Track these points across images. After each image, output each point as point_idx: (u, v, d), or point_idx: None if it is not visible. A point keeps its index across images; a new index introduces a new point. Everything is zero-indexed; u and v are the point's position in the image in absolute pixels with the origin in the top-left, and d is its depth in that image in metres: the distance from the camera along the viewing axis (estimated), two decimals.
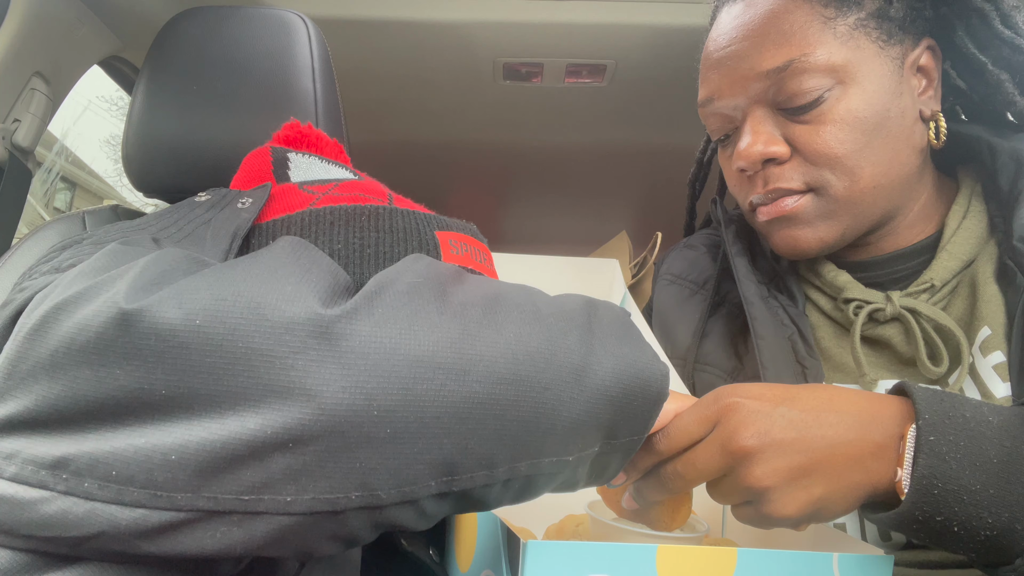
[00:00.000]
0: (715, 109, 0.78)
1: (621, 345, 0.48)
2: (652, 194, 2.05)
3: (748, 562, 0.49)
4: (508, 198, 2.18)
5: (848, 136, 0.71)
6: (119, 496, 0.35)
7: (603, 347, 0.46)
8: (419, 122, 1.67)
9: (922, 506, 0.50)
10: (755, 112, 0.74)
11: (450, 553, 0.65)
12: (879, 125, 0.71)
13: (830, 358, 0.77)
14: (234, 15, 0.92)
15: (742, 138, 0.75)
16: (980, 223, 0.75)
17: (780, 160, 0.74)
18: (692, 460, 0.53)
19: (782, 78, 0.71)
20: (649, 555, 0.47)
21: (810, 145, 0.72)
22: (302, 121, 0.88)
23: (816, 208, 0.74)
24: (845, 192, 0.72)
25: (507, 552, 0.51)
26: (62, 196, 8.01)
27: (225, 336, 0.36)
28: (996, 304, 0.69)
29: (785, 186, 0.73)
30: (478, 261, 0.66)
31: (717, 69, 0.76)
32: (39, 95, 1.02)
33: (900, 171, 0.74)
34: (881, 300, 0.74)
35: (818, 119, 0.71)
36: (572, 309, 0.48)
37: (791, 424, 0.52)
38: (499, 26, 1.30)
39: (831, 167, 0.72)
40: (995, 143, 0.75)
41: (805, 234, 0.75)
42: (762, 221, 0.77)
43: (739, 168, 0.76)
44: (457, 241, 0.65)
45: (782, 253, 0.78)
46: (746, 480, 0.51)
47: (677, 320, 0.90)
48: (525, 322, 0.44)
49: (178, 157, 0.87)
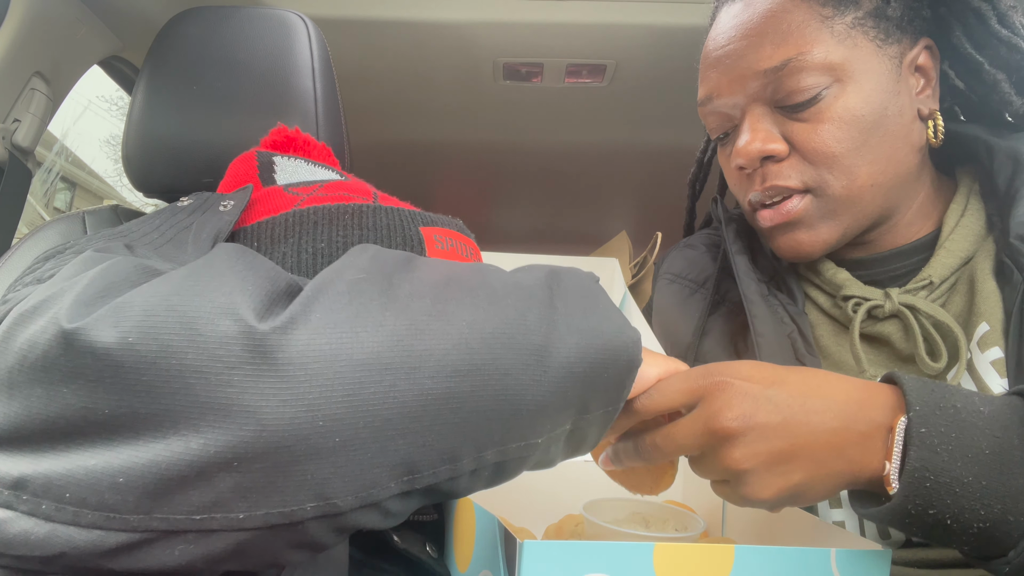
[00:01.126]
0: (714, 108, 0.79)
1: (586, 317, 0.46)
2: (652, 194, 2.05)
3: (745, 558, 0.49)
4: (508, 198, 2.18)
5: (846, 134, 0.71)
6: (76, 518, 0.34)
7: (566, 322, 0.45)
8: (419, 122, 1.67)
9: (914, 499, 0.50)
10: (754, 110, 0.75)
11: (448, 553, 0.65)
12: (877, 123, 0.72)
13: (829, 356, 0.78)
14: (234, 15, 0.92)
15: (740, 136, 0.75)
16: (978, 221, 0.75)
17: (778, 158, 0.74)
18: (672, 434, 0.53)
19: (780, 77, 0.72)
20: (646, 553, 0.47)
21: (808, 143, 0.72)
22: (302, 121, 0.89)
23: (816, 210, 0.74)
24: (843, 191, 0.73)
25: (504, 552, 0.51)
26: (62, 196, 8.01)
27: (158, 354, 0.35)
28: (994, 300, 0.70)
29: (783, 183, 0.74)
30: (464, 255, 0.66)
31: (715, 68, 0.77)
32: (39, 95, 1.02)
33: (898, 169, 0.74)
34: (880, 297, 0.75)
35: (816, 117, 0.72)
36: (532, 285, 0.46)
37: (776, 408, 0.51)
38: (499, 26, 1.30)
39: (828, 166, 0.72)
40: (992, 143, 0.76)
41: (808, 237, 0.75)
42: (764, 226, 0.78)
43: (738, 166, 0.76)
44: (442, 236, 0.65)
45: (785, 257, 0.79)
46: (724, 461, 0.51)
47: (677, 319, 0.91)
48: (479, 307, 0.42)
49: (178, 157, 0.87)
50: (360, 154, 1.24)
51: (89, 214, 0.92)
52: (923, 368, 0.71)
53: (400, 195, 0.71)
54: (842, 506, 0.73)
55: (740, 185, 0.80)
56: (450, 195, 2.16)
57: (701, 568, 0.48)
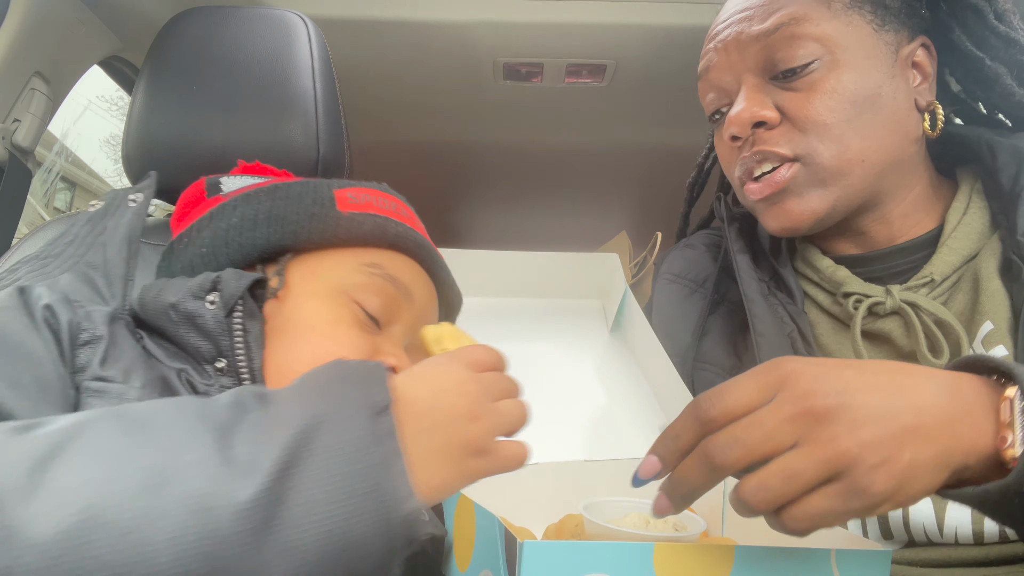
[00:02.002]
0: (711, 80, 0.81)
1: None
2: (652, 194, 2.05)
3: (746, 558, 0.49)
4: (508, 198, 2.18)
5: (837, 106, 0.72)
6: None
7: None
8: (419, 122, 1.67)
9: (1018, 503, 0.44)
10: (748, 81, 0.77)
11: (448, 553, 0.65)
12: (870, 101, 0.73)
13: (830, 354, 0.78)
14: (234, 15, 0.92)
15: (735, 106, 0.77)
16: (981, 219, 0.76)
17: (769, 125, 0.75)
18: (758, 421, 0.44)
19: (773, 42, 0.74)
20: (646, 553, 0.47)
21: (799, 111, 0.73)
22: (302, 121, 0.89)
23: (805, 178, 0.75)
24: (832, 161, 0.73)
25: (505, 552, 0.51)
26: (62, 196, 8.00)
27: None
28: (1000, 299, 0.70)
29: (771, 149, 0.75)
30: (387, 208, 0.68)
31: (714, 40, 0.80)
32: (39, 95, 1.02)
33: (891, 153, 0.75)
34: (881, 294, 0.75)
35: (808, 87, 0.73)
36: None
37: (867, 385, 0.45)
38: (499, 26, 1.30)
39: (819, 135, 0.73)
40: (995, 142, 0.76)
41: (797, 206, 0.76)
42: (753, 200, 0.78)
43: (731, 135, 0.77)
44: (358, 194, 0.67)
45: (774, 230, 0.79)
46: (827, 448, 0.42)
47: (677, 319, 0.91)
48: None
49: (178, 157, 0.87)
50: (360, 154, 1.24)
51: None
52: (924, 365, 0.70)
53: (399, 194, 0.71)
54: None
55: (731, 159, 0.81)
56: (450, 195, 2.15)
57: (701, 568, 0.48)
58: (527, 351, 0.89)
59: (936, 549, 0.67)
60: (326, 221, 0.65)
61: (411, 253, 0.69)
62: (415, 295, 0.67)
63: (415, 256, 0.69)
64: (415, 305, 0.67)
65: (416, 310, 0.67)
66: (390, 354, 0.62)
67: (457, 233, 2.39)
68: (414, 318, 0.66)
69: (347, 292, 0.63)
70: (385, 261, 0.66)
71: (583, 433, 0.82)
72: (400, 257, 0.68)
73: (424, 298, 0.69)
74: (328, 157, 0.90)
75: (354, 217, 0.66)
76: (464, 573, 0.60)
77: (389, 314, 0.64)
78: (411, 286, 0.67)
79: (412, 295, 0.67)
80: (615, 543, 0.48)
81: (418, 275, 0.69)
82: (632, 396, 0.87)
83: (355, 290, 0.63)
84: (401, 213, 0.70)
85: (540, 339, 0.91)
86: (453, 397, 0.47)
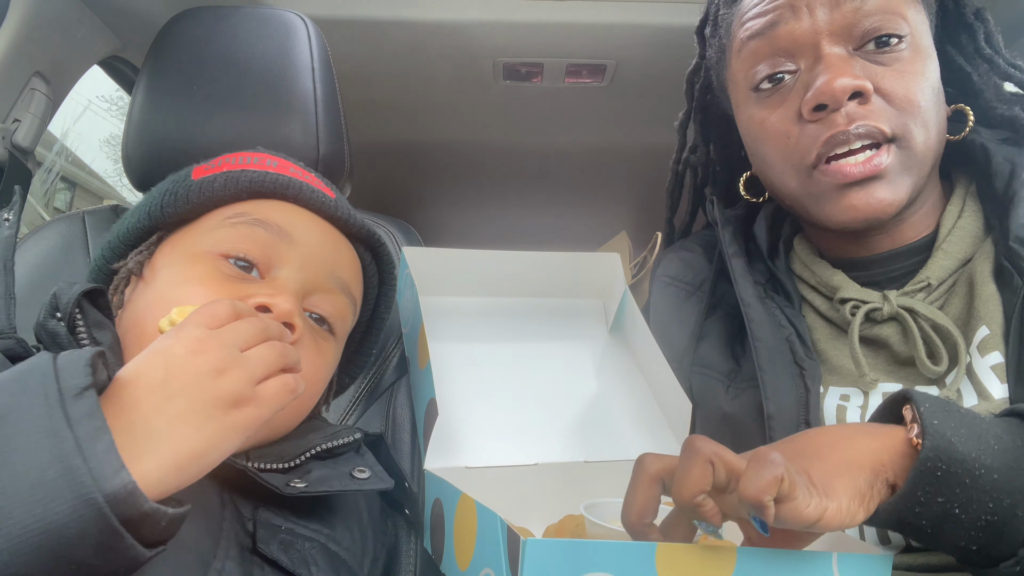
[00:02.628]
0: (775, 40, 0.72)
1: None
2: (652, 194, 2.04)
3: (748, 561, 0.49)
4: (508, 198, 2.18)
5: (926, 89, 0.71)
6: None
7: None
8: (419, 122, 1.67)
9: (924, 486, 0.50)
10: (832, 47, 0.70)
11: (449, 552, 0.65)
12: (937, 93, 0.73)
13: (826, 360, 0.77)
14: (234, 15, 0.92)
15: (820, 75, 0.70)
16: (975, 222, 0.75)
17: (865, 98, 0.69)
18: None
19: (870, 10, 0.69)
20: (648, 554, 0.47)
21: (896, 87, 0.69)
22: (302, 121, 0.89)
23: (899, 163, 0.70)
24: (922, 146, 0.71)
25: (507, 550, 0.51)
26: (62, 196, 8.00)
27: None
28: (994, 304, 0.69)
29: (875, 124, 0.68)
30: (246, 163, 0.68)
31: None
32: (39, 95, 1.02)
33: (940, 149, 0.75)
34: (878, 299, 0.74)
35: (897, 64, 0.70)
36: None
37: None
38: (499, 26, 1.30)
39: (913, 115, 0.70)
40: (989, 146, 0.77)
41: (887, 194, 0.70)
42: (838, 184, 0.70)
43: (818, 104, 0.70)
44: (216, 160, 0.69)
45: (847, 220, 0.72)
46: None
47: (674, 322, 0.90)
48: None
49: (178, 157, 0.87)
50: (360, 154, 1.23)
51: (89, 214, 0.93)
52: (923, 371, 0.70)
53: (399, 195, 0.72)
54: None
55: (801, 138, 0.72)
56: (450, 195, 2.15)
57: (703, 569, 0.48)
58: (527, 351, 0.89)
59: (934, 555, 0.67)
60: (176, 192, 0.66)
61: (281, 195, 0.67)
62: (296, 235, 0.65)
63: (288, 198, 0.67)
64: (300, 245, 0.65)
65: (304, 249, 0.65)
66: (265, 296, 0.60)
67: (457, 233, 2.39)
68: (304, 258, 0.65)
69: (209, 250, 0.62)
70: (251, 209, 0.65)
71: (583, 433, 0.82)
72: (271, 202, 0.67)
73: (314, 237, 0.67)
74: (328, 157, 0.90)
75: (204, 179, 0.66)
76: (464, 572, 0.60)
77: (267, 258, 0.63)
78: (289, 227, 0.65)
79: (292, 235, 0.65)
80: (618, 543, 0.48)
81: (300, 216, 0.67)
82: (632, 396, 0.87)
83: (217, 244, 0.63)
84: (267, 164, 0.69)
85: (540, 339, 0.91)
86: (188, 358, 0.46)
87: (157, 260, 0.65)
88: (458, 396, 0.80)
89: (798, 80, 0.73)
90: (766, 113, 0.75)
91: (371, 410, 0.88)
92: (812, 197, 0.74)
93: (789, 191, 0.77)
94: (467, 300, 0.90)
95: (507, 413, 0.81)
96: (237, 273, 0.62)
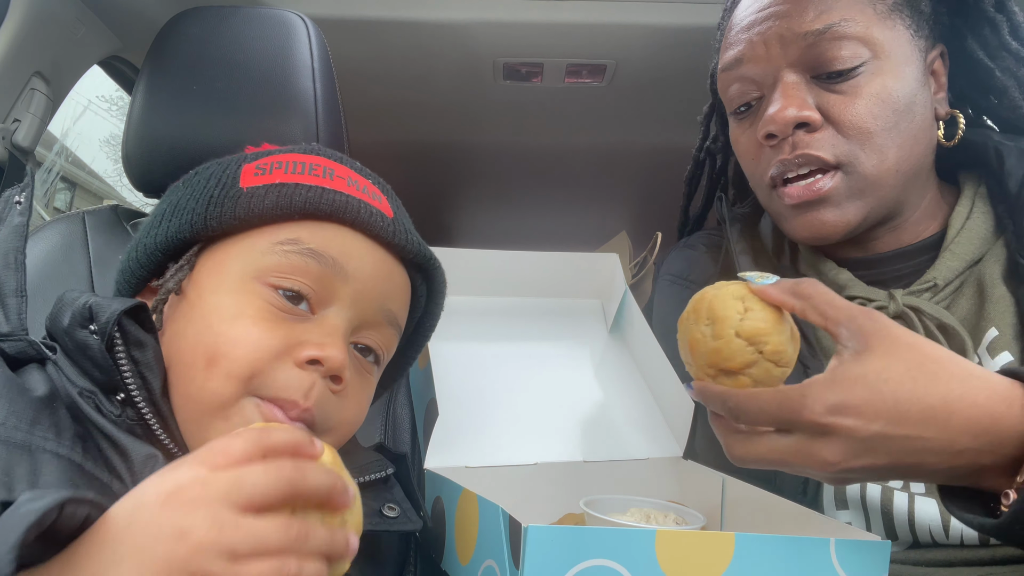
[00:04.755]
0: (743, 72, 0.77)
1: None
2: (652, 194, 2.05)
3: (746, 546, 0.50)
4: (508, 198, 2.18)
5: (881, 112, 0.71)
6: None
7: None
8: (419, 122, 1.67)
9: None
10: (787, 77, 0.73)
11: (450, 547, 0.65)
12: (908, 109, 0.72)
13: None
14: (234, 15, 0.92)
15: (772, 103, 0.73)
16: (985, 224, 0.75)
17: (812, 127, 0.72)
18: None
19: (820, 41, 0.71)
20: (648, 539, 0.48)
21: (844, 115, 0.71)
22: (302, 121, 0.89)
23: (846, 188, 0.73)
24: (873, 171, 0.72)
25: (509, 539, 0.51)
26: (62, 196, 8.01)
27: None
28: (1005, 305, 0.69)
29: (816, 153, 0.72)
30: (300, 173, 0.60)
31: (751, 30, 0.75)
32: (39, 95, 1.02)
33: (918, 161, 0.74)
34: (884, 298, 0.74)
35: (853, 91, 0.71)
36: None
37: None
38: (499, 26, 1.30)
39: (862, 142, 0.71)
40: (1002, 147, 0.76)
41: (834, 217, 0.73)
42: (787, 204, 0.75)
43: (767, 133, 0.74)
44: (267, 163, 0.60)
45: (802, 238, 0.77)
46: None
47: (677, 320, 0.90)
48: None
49: (178, 157, 0.87)
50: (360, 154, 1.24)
51: (89, 214, 0.92)
52: None
53: (399, 195, 0.71)
54: (848, 508, 0.72)
55: (761, 160, 0.77)
56: (450, 195, 2.16)
57: (703, 555, 0.49)
58: (527, 351, 0.89)
59: (941, 550, 0.67)
60: (223, 203, 0.58)
61: (338, 219, 0.58)
62: (350, 268, 0.57)
63: (345, 222, 0.59)
64: (354, 279, 0.58)
65: (356, 284, 0.58)
66: (315, 344, 0.54)
67: (457, 233, 2.40)
68: (356, 293, 0.58)
69: (258, 278, 0.55)
70: (306, 234, 0.57)
71: (582, 433, 0.82)
72: (328, 227, 0.58)
73: (367, 269, 0.59)
74: None
75: (254, 192, 0.57)
76: (466, 566, 0.60)
77: (318, 294, 0.56)
78: (343, 259, 0.57)
79: (346, 269, 0.57)
80: (618, 529, 0.48)
81: (355, 244, 0.59)
82: (631, 396, 0.87)
83: (267, 274, 0.56)
84: (323, 175, 0.60)
85: (540, 339, 0.91)
86: (156, 510, 0.36)
87: (201, 278, 0.58)
88: (458, 396, 0.81)
89: (760, 106, 0.77)
90: (740, 132, 0.81)
91: (371, 410, 0.88)
92: (775, 213, 0.80)
93: (762, 203, 0.82)
94: (467, 300, 0.90)
95: (507, 413, 0.81)
96: (288, 308, 0.55)
